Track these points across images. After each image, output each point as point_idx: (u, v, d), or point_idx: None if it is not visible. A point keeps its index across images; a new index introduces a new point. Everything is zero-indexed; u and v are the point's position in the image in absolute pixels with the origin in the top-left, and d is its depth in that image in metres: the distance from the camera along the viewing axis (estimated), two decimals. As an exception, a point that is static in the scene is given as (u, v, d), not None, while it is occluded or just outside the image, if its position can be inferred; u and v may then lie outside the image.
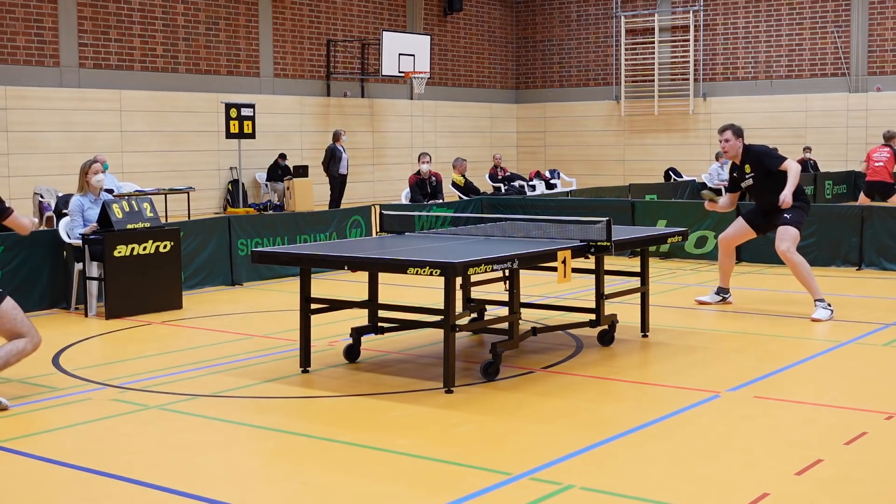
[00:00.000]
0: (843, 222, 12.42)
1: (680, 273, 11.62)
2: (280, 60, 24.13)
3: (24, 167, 19.12)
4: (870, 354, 7.77)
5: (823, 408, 6.24)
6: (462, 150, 25.72)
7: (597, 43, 29.75)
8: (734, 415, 6.14)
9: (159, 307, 9.81)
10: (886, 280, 11.47)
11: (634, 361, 7.66)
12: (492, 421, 6.00)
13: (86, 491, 4.91)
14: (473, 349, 8.01)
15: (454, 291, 6.58)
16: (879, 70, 26.05)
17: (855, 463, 5.15)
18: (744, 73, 27.77)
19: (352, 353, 7.51)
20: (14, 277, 9.76)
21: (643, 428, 5.77)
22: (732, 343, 8.20)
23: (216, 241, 11.45)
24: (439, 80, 28.14)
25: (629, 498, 4.67)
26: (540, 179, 23.60)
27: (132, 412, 6.25)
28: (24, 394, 6.71)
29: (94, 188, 9.92)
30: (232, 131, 21.15)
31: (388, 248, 7.40)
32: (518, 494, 4.73)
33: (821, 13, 26.65)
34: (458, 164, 18.14)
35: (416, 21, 27.44)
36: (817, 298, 9.14)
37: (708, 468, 5.10)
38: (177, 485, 4.89)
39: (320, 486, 4.92)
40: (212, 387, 6.86)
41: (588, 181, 26.08)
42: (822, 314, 9.00)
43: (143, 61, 21.37)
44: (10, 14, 19.27)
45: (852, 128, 26.19)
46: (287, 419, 6.14)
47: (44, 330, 9.14)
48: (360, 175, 25.24)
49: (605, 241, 7.43)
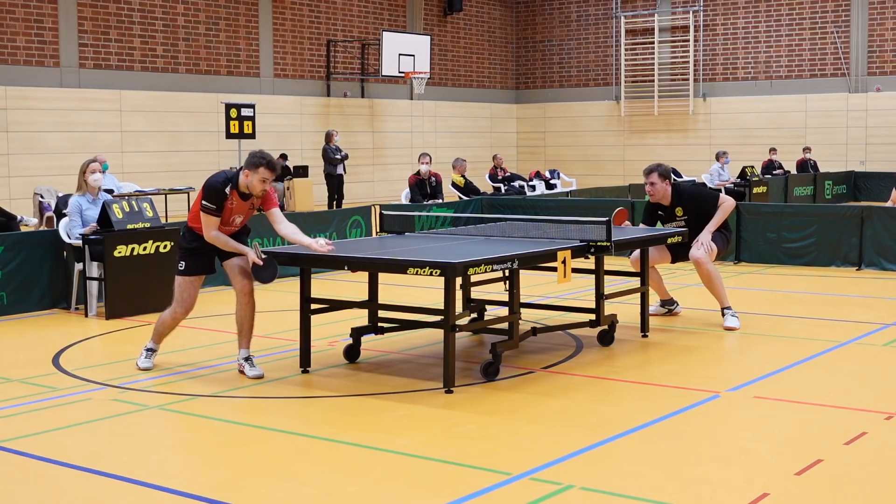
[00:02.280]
0: (843, 222, 12.42)
1: (680, 273, 11.62)
2: (280, 60, 24.13)
3: (24, 167, 19.12)
4: (870, 354, 7.77)
5: (823, 408, 6.24)
6: (462, 151, 25.71)
7: (597, 43, 29.75)
8: (734, 415, 6.14)
9: (159, 307, 9.73)
10: (886, 280, 11.47)
11: (634, 361, 7.65)
12: (492, 421, 6.00)
13: (86, 491, 4.91)
14: (473, 349, 8.01)
15: (454, 291, 6.58)
16: (879, 70, 26.05)
17: (855, 463, 5.15)
18: (744, 74, 27.77)
19: (352, 353, 7.51)
20: (14, 277, 9.76)
21: (643, 428, 5.77)
22: (732, 343, 8.20)
23: (216, 242, 11.43)
24: (439, 81, 28.14)
25: (629, 498, 4.67)
26: (540, 179, 23.59)
27: (132, 412, 6.25)
28: (24, 394, 6.71)
29: (91, 188, 9.91)
30: (232, 131, 21.14)
31: (388, 248, 7.40)
32: (518, 494, 4.73)
33: (821, 13, 26.65)
34: (458, 165, 18.13)
35: (416, 21, 27.44)
36: (725, 307, 8.78)
37: (708, 468, 5.10)
38: (177, 485, 4.89)
39: (320, 486, 4.92)
40: (212, 387, 6.86)
41: (588, 181, 26.08)
42: (734, 322, 8.66)
43: (143, 61, 21.36)
44: (10, 14, 19.27)
45: (852, 128, 26.20)
46: (287, 419, 6.14)
47: (44, 330, 9.16)
48: (360, 175, 25.23)
49: (604, 241, 7.43)
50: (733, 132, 27.45)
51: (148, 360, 7.35)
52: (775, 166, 23.28)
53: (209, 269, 7.27)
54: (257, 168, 6.82)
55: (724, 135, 27.54)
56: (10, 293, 9.75)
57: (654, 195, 8.98)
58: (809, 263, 12.45)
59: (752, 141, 26.72)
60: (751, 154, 25.25)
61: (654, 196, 9.00)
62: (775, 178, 21.48)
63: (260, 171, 6.82)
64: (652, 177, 8.94)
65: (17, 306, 9.78)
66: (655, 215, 9.22)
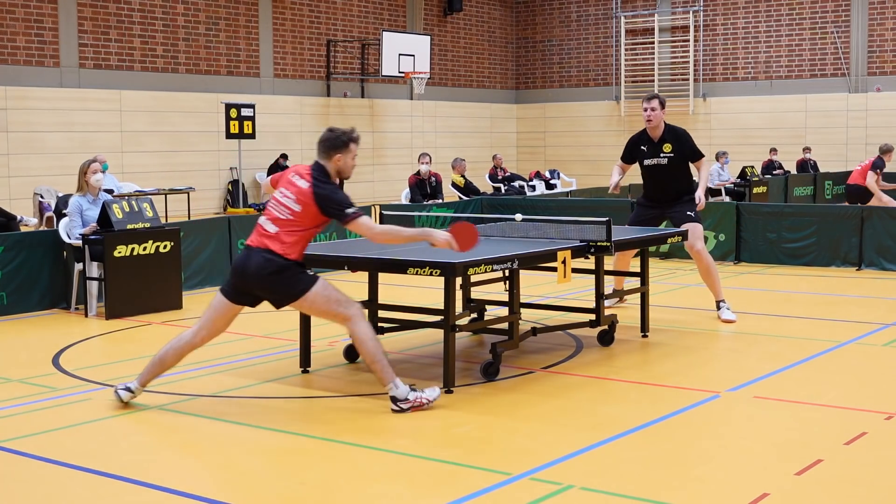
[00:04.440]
0: (843, 222, 12.42)
1: (680, 273, 11.62)
2: (280, 61, 24.13)
3: (24, 167, 19.11)
4: (870, 354, 7.77)
5: (823, 408, 6.24)
6: (462, 151, 25.71)
7: (597, 43, 29.75)
8: (734, 415, 6.14)
9: (159, 307, 9.81)
10: (886, 280, 11.47)
11: (634, 361, 7.66)
12: (492, 421, 6.00)
13: (86, 491, 4.91)
14: (473, 349, 8.01)
15: (454, 291, 6.58)
16: (879, 70, 26.04)
17: (855, 463, 5.15)
18: (744, 74, 27.76)
19: (352, 354, 7.50)
20: (14, 277, 9.77)
21: (643, 428, 5.77)
22: (732, 343, 8.20)
23: (216, 242, 11.45)
24: (439, 81, 28.14)
25: (629, 498, 4.67)
26: (540, 180, 23.60)
27: (132, 412, 6.25)
28: (24, 394, 6.71)
29: (92, 188, 9.91)
30: (232, 131, 21.14)
31: (388, 248, 7.40)
32: (518, 494, 4.73)
33: (821, 13, 26.64)
34: (458, 165, 18.13)
35: (416, 21, 27.44)
36: (720, 300, 9.01)
37: (708, 468, 5.10)
38: (177, 485, 4.89)
39: (320, 486, 4.92)
40: (212, 387, 6.86)
41: (588, 181, 26.06)
42: (729, 315, 8.90)
43: (143, 61, 21.36)
44: (10, 14, 19.26)
45: (852, 128, 26.19)
46: (287, 419, 6.14)
47: (44, 330, 9.17)
48: (360, 175, 25.22)
49: (604, 241, 7.43)
50: (733, 132, 27.45)
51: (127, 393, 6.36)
52: (775, 166, 23.28)
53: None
54: (347, 146, 6.13)
55: (724, 135, 27.53)
56: (10, 293, 9.75)
57: (653, 120, 9.04)
58: (809, 263, 12.45)
59: (752, 141, 26.71)
60: (751, 154, 25.25)
61: (650, 122, 9.04)
62: (775, 178, 21.48)
63: (351, 147, 6.13)
64: (653, 102, 9.04)
65: (17, 306, 9.79)
66: (637, 151, 9.23)
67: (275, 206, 6.13)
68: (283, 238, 6.04)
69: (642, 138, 9.23)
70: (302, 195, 6.05)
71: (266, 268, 6.00)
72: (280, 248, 6.02)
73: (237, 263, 6.20)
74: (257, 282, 6.07)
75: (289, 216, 6.05)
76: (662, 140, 9.09)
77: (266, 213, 6.16)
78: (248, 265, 6.06)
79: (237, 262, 6.21)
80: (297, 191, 6.07)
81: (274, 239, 6.04)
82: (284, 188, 6.14)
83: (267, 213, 6.15)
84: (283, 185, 6.18)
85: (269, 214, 6.13)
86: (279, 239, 6.04)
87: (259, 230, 6.12)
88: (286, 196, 6.11)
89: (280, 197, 6.14)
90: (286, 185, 6.16)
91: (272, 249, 6.02)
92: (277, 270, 6.01)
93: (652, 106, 9.02)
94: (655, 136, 9.11)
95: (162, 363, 6.37)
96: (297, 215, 6.05)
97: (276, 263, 6.00)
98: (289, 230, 6.05)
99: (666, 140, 9.08)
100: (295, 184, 6.10)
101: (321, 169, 6.14)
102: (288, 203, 6.08)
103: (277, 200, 6.14)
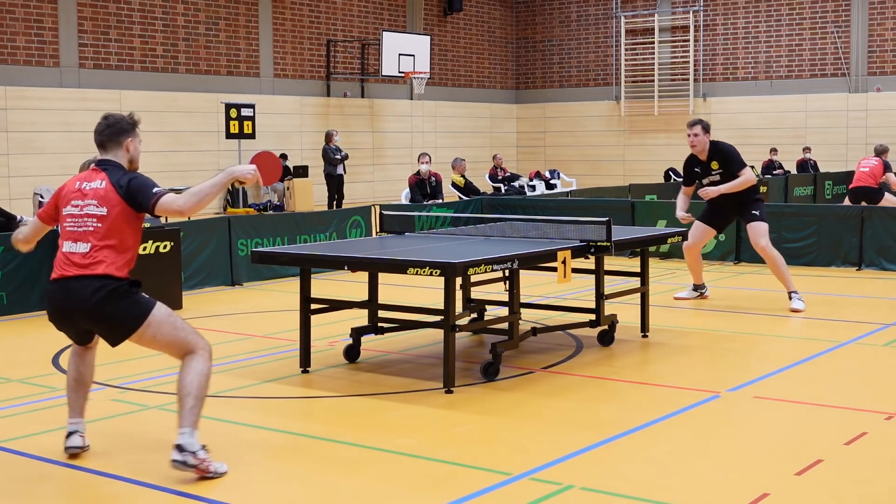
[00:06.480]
0: (843, 222, 12.42)
1: (680, 273, 11.62)
2: (280, 61, 24.13)
3: (24, 167, 19.12)
4: (870, 354, 7.77)
5: (823, 408, 6.24)
6: (462, 151, 25.71)
7: (597, 43, 29.75)
8: (734, 415, 6.14)
9: (159, 307, 9.78)
10: (886, 280, 11.47)
11: (634, 361, 7.66)
12: (492, 421, 6.00)
13: (86, 491, 4.91)
14: (473, 349, 8.01)
15: (454, 291, 6.58)
16: (879, 70, 26.05)
17: (855, 463, 5.15)
18: (744, 74, 27.77)
19: (352, 354, 7.51)
20: (14, 277, 9.76)
21: (643, 428, 5.77)
22: (732, 343, 8.20)
23: (216, 242, 11.45)
24: (439, 81, 28.14)
25: (629, 498, 4.67)
26: (540, 180, 23.60)
27: (132, 412, 6.25)
28: (24, 394, 6.71)
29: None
30: (232, 131, 21.15)
31: (387, 248, 7.40)
32: (518, 494, 4.72)
33: (821, 13, 26.65)
34: (458, 165, 18.14)
35: (416, 21, 27.44)
36: (792, 290, 9.51)
37: (708, 468, 5.10)
38: (177, 485, 4.89)
39: (320, 486, 4.92)
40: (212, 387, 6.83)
41: (588, 181, 26.08)
42: (800, 304, 9.39)
43: (143, 61, 21.37)
44: (10, 14, 19.27)
45: (852, 128, 26.19)
46: (287, 419, 6.14)
47: (44, 330, 9.14)
48: (360, 175, 25.24)
49: (604, 241, 7.43)
50: (733, 132, 27.41)
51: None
52: (775, 166, 23.29)
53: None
54: (134, 128, 5.32)
55: (725, 135, 27.43)
56: (10, 293, 9.74)
57: (696, 146, 9.53)
58: (809, 263, 12.45)
59: (753, 141, 26.70)
60: (751, 154, 25.12)
61: (695, 147, 9.54)
62: (775, 178, 21.48)
63: (137, 130, 5.33)
64: (696, 128, 9.51)
65: (17, 306, 9.78)
66: (693, 173, 9.76)
67: (73, 223, 5.10)
68: (104, 255, 5.04)
69: (694, 160, 9.74)
70: (105, 197, 5.09)
71: (96, 294, 4.99)
72: (104, 267, 5.01)
73: (56, 303, 5.16)
74: (86, 313, 5.06)
75: (97, 224, 5.05)
76: (710, 159, 9.59)
77: (65, 236, 5.11)
78: (73, 298, 5.03)
79: (56, 302, 5.16)
80: (95, 194, 5.09)
81: (92, 258, 5.02)
82: (75, 202, 5.13)
83: (66, 235, 5.10)
84: (72, 200, 5.15)
85: (71, 235, 5.08)
86: (99, 257, 5.02)
87: (65, 259, 5.07)
88: (83, 206, 5.10)
89: (75, 211, 5.10)
90: (73, 197, 5.16)
91: (96, 274, 5.00)
92: (111, 295, 5.02)
93: (695, 132, 9.50)
94: (704, 157, 9.62)
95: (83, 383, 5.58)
96: (105, 221, 5.05)
97: (107, 287, 5.01)
98: (105, 243, 5.06)
99: (713, 158, 9.58)
100: (87, 191, 5.12)
101: (112, 164, 5.20)
102: (90, 211, 5.07)
103: (75, 216, 5.10)
